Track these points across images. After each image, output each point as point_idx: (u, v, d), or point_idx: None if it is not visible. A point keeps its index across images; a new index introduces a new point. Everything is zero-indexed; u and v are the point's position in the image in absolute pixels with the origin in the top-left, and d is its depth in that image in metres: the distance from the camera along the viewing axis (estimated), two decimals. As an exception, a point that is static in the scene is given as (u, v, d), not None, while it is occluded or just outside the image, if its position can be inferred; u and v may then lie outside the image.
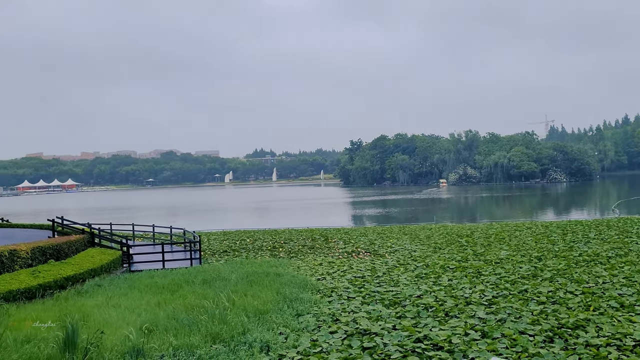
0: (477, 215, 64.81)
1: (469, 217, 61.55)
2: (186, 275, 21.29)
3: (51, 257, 20.91)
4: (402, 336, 13.70)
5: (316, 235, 37.57)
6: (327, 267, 24.36)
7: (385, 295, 18.26)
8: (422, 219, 58.57)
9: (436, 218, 58.70)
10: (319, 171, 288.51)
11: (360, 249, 29.98)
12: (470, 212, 72.83)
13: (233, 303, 16.14)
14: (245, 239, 36.67)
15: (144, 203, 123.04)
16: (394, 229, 40.16)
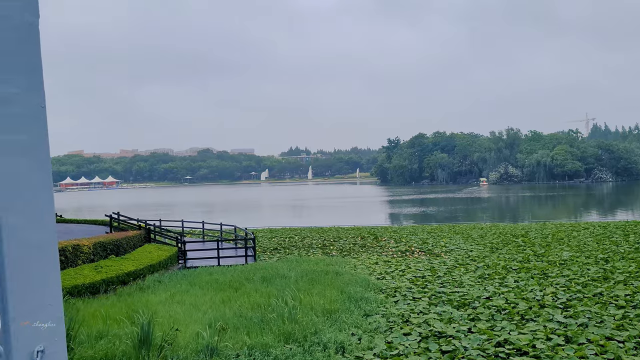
0: (525, 214, 63.21)
1: (516, 216, 60.06)
2: (245, 273, 21.09)
3: (111, 253, 20.97)
4: (480, 339, 13.15)
5: (364, 233, 37.07)
6: (384, 266, 23.87)
7: (452, 296, 17.69)
8: (469, 218, 57.41)
9: (486, 217, 57.46)
10: (355, 169, 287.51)
11: (413, 248, 29.35)
12: (517, 211, 71.13)
13: (300, 302, 15.79)
14: (293, 237, 36.43)
15: (184, 200, 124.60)
16: (444, 228, 39.33)
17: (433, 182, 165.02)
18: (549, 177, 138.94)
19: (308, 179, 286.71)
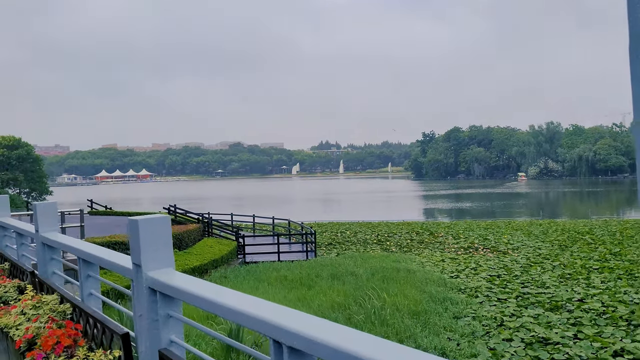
0: (578, 210, 60.96)
1: (569, 212, 57.93)
2: (311, 269, 20.21)
3: (174, 247, 20.29)
4: (593, 348, 12.01)
5: (417, 229, 35.90)
6: (452, 264, 22.75)
7: (540, 298, 16.52)
8: (519, 214, 55.63)
9: (536, 213, 55.58)
10: (386, 164, 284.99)
11: (476, 245, 28.10)
12: (568, 207, 68.74)
13: (384, 302, 14.80)
14: (344, 232, 35.49)
15: (219, 193, 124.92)
16: (500, 224, 37.87)
17: (469, 176, 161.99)
18: (590, 172, 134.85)
19: (339, 173, 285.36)
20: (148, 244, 2.70)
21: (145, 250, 2.65)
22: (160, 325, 2.66)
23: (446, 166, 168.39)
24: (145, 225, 2.69)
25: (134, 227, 2.71)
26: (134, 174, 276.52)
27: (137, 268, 2.75)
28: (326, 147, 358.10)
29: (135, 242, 2.69)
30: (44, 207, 4.58)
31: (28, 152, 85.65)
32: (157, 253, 2.69)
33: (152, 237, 2.69)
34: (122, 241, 17.60)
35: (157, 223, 2.73)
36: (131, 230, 2.74)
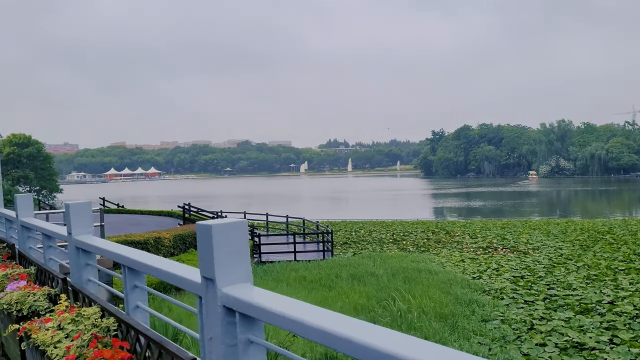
0: (594, 209, 60.12)
1: (586, 211, 57.10)
2: (329, 269, 19.78)
3: (190, 246, 19.94)
4: (631, 353, 11.52)
5: (432, 227, 35.39)
6: (473, 264, 22.25)
7: (568, 300, 16.01)
8: (535, 213, 54.93)
9: (552, 212, 54.88)
10: (395, 162, 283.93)
11: (495, 245, 27.54)
12: (584, 206, 67.86)
13: (409, 304, 14.34)
14: (358, 230, 35.03)
15: (227, 191, 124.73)
16: (516, 223, 37.28)
17: (479, 175, 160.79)
18: (603, 171, 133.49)
19: (348, 171, 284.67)
20: (223, 255, 2.25)
21: (219, 262, 2.20)
22: (240, 352, 2.21)
23: (456, 164, 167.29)
24: (220, 232, 2.25)
25: (206, 233, 2.26)
26: (142, 172, 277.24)
27: (208, 282, 2.31)
28: (334, 145, 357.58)
29: (207, 252, 2.25)
30: (77, 208, 4.16)
31: (38, 150, 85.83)
32: (233, 266, 2.24)
33: (227, 247, 2.25)
34: (139, 240, 17.24)
35: (234, 228, 2.29)
36: (202, 238, 2.30)
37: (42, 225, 5.03)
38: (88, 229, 4.17)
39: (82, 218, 4.16)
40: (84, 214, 4.18)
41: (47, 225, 5.07)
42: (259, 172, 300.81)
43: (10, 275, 5.07)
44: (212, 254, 2.24)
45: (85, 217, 4.18)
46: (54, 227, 4.84)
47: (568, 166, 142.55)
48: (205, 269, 2.32)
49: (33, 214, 6.08)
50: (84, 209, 4.19)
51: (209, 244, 2.25)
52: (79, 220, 4.14)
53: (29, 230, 5.99)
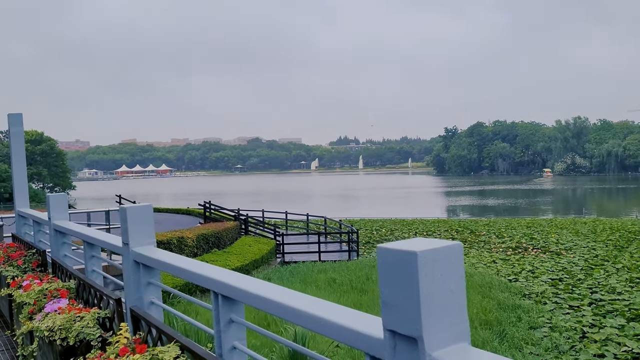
0: (620, 208, 58.82)
1: (610, 209, 55.81)
2: (358, 271, 18.96)
3: (213, 246, 19.20)
4: (701, 366, 10.60)
5: (455, 226, 34.46)
6: (506, 266, 21.34)
7: (616, 305, 15.10)
8: (556, 211, 53.82)
9: (575, 210, 53.73)
10: (406, 159, 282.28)
11: (523, 244, 26.59)
12: (605, 204, 66.50)
13: (451, 310, 13.46)
14: (379, 229, 34.18)
15: (239, 188, 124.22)
16: (541, 222, 36.26)
17: (493, 172, 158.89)
18: (619, 169, 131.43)
19: (359, 169, 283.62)
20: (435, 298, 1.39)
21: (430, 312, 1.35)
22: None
23: (469, 162, 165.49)
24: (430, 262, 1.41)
25: (402, 263, 1.44)
26: (153, 169, 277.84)
27: (399, 341, 1.47)
28: (345, 143, 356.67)
29: (404, 294, 1.40)
30: (136, 213, 3.37)
31: (51, 147, 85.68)
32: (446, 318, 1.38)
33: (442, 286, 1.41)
34: (161, 240, 16.51)
35: (449, 256, 1.45)
36: (392, 268, 1.46)
37: (85, 232, 4.24)
38: (149, 239, 3.39)
39: (141, 225, 3.38)
40: (144, 221, 3.40)
41: (92, 232, 4.29)
42: (270, 169, 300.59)
43: (47, 291, 4.29)
44: (417, 296, 1.42)
45: (146, 224, 3.40)
46: (101, 235, 4.05)
47: (584, 164, 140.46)
48: (392, 319, 1.50)
49: (68, 216, 5.30)
50: (143, 214, 3.40)
51: (412, 280, 1.44)
52: (138, 228, 3.36)
53: (63, 236, 5.21)
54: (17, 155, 7.28)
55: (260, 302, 2.16)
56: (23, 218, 7.24)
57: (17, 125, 7.21)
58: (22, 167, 7.39)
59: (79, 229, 4.53)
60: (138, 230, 3.36)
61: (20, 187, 7.33)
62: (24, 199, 7.30)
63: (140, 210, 3.39)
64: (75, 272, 4.44)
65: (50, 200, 5.21)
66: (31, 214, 6.41)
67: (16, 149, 7.27)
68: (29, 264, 5.78)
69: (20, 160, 7.34)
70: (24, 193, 7.34)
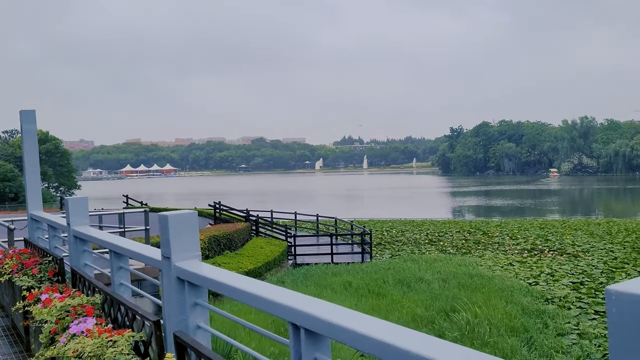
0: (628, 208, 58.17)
1: (621, 210, 55.16)
2: (373, 274, 18.48)
3: (225, 248, 18.74)
4: None
5: (467, 227, 33.92)
6: (523, 268, 20.81)
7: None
8: (567, 212, 53.20)
9: (584, 211, 53.12)
10: (411, 159, 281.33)
11: (539, 246, 26.05)
12: (616, 204, 65.82)
13: (474, 315, 12.98)
14: (389, 230, 33.68)
15: (245, 188, 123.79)
16: (554, 223, 35.69)
17: (499, 172, 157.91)
18: (627, 169, 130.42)
19: (363, 168, 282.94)
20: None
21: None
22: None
23: (475, 162, 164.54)
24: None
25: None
26: (158, 169, 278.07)
27: None
28: (349, 142, 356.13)
29: None
30: (179, 221, 2.90)
31: (56, 146, 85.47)
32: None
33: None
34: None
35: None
36: None
37: (113, 241, 3.76)
38: (194, 252, 2.92)
39: (185, 236, 2.91)
40: (189, 230, 2.92)
41: (122, 241, 3.82)
42: (274, 169, 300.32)
43: (70, 307, 3.82)
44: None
45: (191, 234, 2.92)
46: (135, 246, 3.57)
47: (591, 164, 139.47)
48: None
49: (88, 221, 4.84)
50: (188, 223, 2.93)
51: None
52: (181, 239, 2.89)
53: (84, 243, 4.74)
54: (29, 155, 6.82)
55: (354, 338, 1.79)
56: (36, 222, 6.78)
57: (29, 122, 6.74)
58: (34, 168, 6.93)
59: (105, 237, 4.05)
60: (181, 242, 2.88)
61: (32, 189, 6.87)
62: (37, 201, 6.84)
63: (184, 218, 2.92)
64: (100, 285, 3.98)
65: (70, 204, 4.74)
66: (46, 218, 5.94)
67: (28, 147, 6.82)
68: (44, 272, 5.32)
69: (33, 160, 6.88)
70: (37, 195, 6.88)
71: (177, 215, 2.92)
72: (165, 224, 2.91)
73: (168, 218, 2.89)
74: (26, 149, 6.83)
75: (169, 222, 2.87)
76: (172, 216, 2.90)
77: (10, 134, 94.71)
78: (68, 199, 4.74)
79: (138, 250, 3.40)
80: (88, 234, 4.44)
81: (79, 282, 4.55)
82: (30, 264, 5.61)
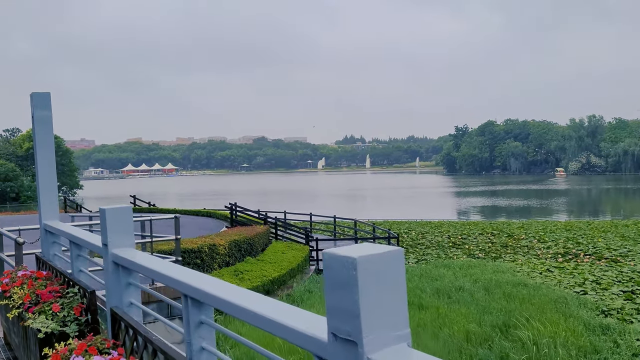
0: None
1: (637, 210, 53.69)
2: (408, 282, 16.99)
3: (246, 254, 17.31)
4: None
5: (488, 229, 32.50)
6: (565, 275, 19.36)
7: None
8: (586, 212, 51.72)
9: (604, 211, 51.65)
10: (414, 158, 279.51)
11: (573, 250, 24.59)
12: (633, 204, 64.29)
13: (537, 332, 11.54)
14: (408, 232, 32.21)
15: (249, 187, 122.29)
16: (580, 225, 34.21)
17: (505, 172, 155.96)
18: (636, 168, 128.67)
19: (366, 168, 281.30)
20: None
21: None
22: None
23: (481, 161, 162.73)
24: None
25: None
26: (160, 168, 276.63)
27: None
28: (351, 142, 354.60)
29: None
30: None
31: (58, 145, 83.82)
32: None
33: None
34: (192, 248, 14.65)
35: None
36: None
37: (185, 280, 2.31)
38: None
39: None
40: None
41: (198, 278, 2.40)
42: (276, 168, 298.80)
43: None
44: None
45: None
46: (223, 290, 2.16)
47: (599, 163, 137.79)
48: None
49: (133, 242, 3.40)
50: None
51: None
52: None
53: (129, 274, 3.30)
54: (43, 149, 5.38)
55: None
56: (51, 234, 5.34)
57: (43, 108, 5.30)
58: (49, 166, 5.48)
59: (170, 272, 2.60)
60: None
61: (47, 193, 5.42)
62: (53, 208, 5.41)
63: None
64: (167, 347, 2.52)
65: (107, 218, 3.30)
66: (68, 233, 4.49)
67: (42, 140, 5.37)
68: (69, 310, 3.88)
69: (47, 155, 5.44)
70: (53, 201, 5.44)
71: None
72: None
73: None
74: (39, 142, 5.39)
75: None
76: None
77: (12, 132, 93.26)
78: (105, 210, 3.31)
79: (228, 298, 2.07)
80: (138, 262, 3.00)
81: (124, 332, 3.10)
82: (47, 296, 4.18)
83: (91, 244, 3.79)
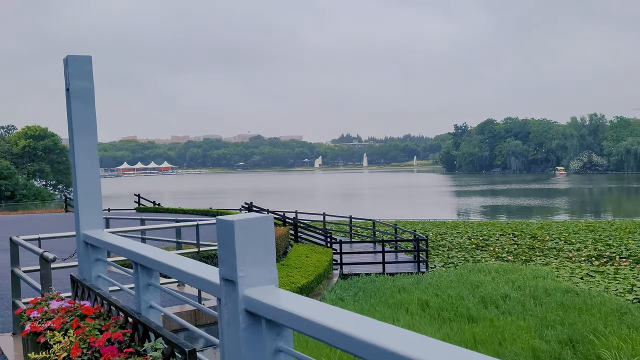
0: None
1: None
2: (445, 289, 15.63)
3: (270, 258, 15.88)
4: None
5: (507, 230, 31.20)
6: (610, 281, 18.07)
7: None
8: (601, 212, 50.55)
9: (614, 211, 50.47)
10: (411, 157, 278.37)
11: (606, 253, 23.30)
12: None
13: (616, 349, 10.18)
14: (425, 233, 30.81)
15: (246, 186, 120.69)
16: (602, 225, 32.90)
17: (505, 170, 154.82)
18: (638, 166, 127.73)
19: (363, 166, 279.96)
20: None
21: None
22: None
23: (481, 159, 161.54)
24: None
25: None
26: (155, 167, 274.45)
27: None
28: (347, 140, 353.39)
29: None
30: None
31: (55, 143, 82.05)
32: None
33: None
34: (215, 253, 13.19)
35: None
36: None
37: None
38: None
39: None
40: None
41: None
42: (272, 167, 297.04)
43: None
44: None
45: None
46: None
47: (601, 162, 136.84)
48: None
49: (275, 273, 2.00)
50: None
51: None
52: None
53: (257, 322, 1.90)
54: (82, 134, 3.95)
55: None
56: (94, 249, 3.93)
57: (83, 78, 3.89)
58: (90, 157, 4.04)
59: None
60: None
61: (88, 194, 3.99)
62: (96, 214, 3.98)
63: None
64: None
65: (237, 235, 1.91)
66: (136, 252, 3.07)
67: (81, 119, 3.92)
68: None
69: (88, 143, 4.03)
70: (96, 204, 4.01)
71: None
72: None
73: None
74: (76, 125, 3.96)
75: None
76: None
77: (7, 129, 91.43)
78: (234, 222, 1.94)
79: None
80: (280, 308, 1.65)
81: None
82: (110, 352, 2.78)
83: (195, 278, 2.39)
